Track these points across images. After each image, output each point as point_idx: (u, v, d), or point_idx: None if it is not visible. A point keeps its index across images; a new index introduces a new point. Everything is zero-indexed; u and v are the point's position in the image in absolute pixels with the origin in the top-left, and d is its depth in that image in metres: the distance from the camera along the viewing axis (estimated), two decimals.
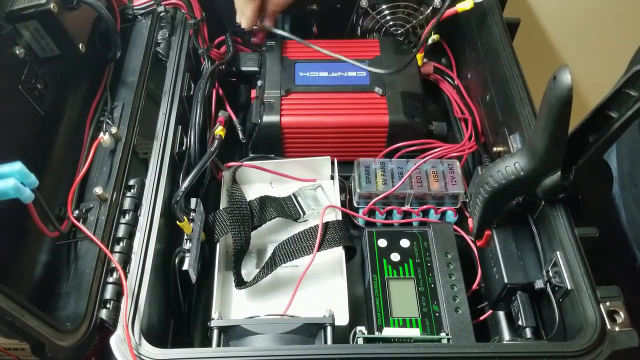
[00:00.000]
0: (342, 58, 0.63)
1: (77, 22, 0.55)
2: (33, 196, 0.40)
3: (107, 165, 0.53)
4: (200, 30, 0.67)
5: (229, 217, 0.55)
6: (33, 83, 0.51)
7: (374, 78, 0.64)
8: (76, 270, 0.47)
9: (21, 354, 0.42)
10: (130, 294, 0.44)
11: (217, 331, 0.47)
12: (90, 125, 0.57)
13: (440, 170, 0.59)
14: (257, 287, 0.54)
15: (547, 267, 0.48)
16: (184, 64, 0.62)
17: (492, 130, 0.62)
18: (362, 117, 0.61)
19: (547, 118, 0.41)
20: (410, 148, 0.62)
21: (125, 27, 0.65)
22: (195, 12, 0.67)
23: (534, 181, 0.46)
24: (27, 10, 0.49)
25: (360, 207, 0.58)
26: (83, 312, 0.44)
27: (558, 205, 0.48)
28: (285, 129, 0.61)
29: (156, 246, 0.48)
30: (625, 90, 0.42)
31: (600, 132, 0.44)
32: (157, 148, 0.54)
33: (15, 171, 0.38)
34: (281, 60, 0.66)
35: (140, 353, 0.41)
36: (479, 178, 0.50)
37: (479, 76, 0.66)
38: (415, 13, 0.69)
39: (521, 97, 0.55)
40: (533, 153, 0.44)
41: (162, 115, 0.56)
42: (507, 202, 0.51)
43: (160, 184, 0.51)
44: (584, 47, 1.01)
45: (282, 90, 0.62)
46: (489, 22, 0.64)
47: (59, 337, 0.40)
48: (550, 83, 0.40)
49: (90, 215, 0.50)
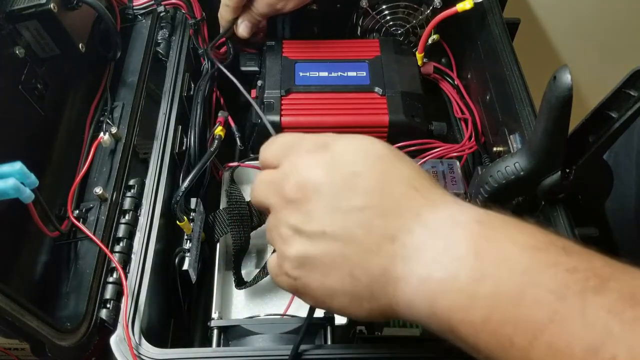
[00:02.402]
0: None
1: (77, 22, 0.55)
2: (33, 196, 0.39)
3: (107, 165, 0.53)
4: (200, 30, 0.67)
5: (229, 217, 0.55)
6: (33, 83, 0.51)
7: (374, 78, 0.64)
8: (76, 270, 0.47)
9: (21, 354, 0.42)
10: (130, 294, 0.44)
11: (217, 331, 0.47)
12: (90, 125, 0.57)
13: (440, 170, 0.59)
14: (257, 287, 0.54)
15: None
16: (184, 64, 0.62)
17: (492, 130, 0.62)
18: (362, 117, 0.61)
19: (547, 118, 0.41)
20: (410, 148, 0.62)
21: (125, 27, 0.65)
22: (195, 12, 0.67)
23: (534, 181, 0.46)
24: (27, 10, 0.49)
25: None
26: (83, 312, 0.44)
27: (558, 205, 0.48)
28: (285, 129, 0.61)
29: (156, 246, 0.48)
30: (625, 90, 0.42)
31: (600, 132, 0.44)
32: (157, 148, 0.54)
33: (15, 171, 0.38)
34: (281, 60, 0.66)
35: (140, 353, 0.41)
36: (479, 178, 0.50)
37: (479, 76, 0.66)
38: (415, 13, 0.69)
39: (521, 97, 0.55)
40: (533, 153, 0.44)
41: (162, 115, 0.56)
42: (507, 202, 0.51)
43: (160, 184, 0.51)
44: (584, 47, 1.01)
45: (282, 90, 0.62)
46: (489, 22, 0.64)
47: (59, 337, 0.40)
48: (550, 83, 0.40)
49: (90, 215, 0.50)
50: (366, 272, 0.32)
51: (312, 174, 0.35)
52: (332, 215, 0.33)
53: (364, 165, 0.34)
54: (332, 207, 0.33)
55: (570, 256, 0.29)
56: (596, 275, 0.28)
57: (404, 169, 0.35)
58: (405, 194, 0.33)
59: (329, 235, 0.33)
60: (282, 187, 0.35)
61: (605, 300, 0.27)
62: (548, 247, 0.30)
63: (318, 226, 0.33)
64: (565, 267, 0.28)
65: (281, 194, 0.35)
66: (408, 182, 0.34)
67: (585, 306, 0.27)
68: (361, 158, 0.35)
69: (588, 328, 0.26)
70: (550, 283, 0.28)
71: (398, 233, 0.32)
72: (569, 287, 0.27)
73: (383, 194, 0.33)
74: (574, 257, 0.29)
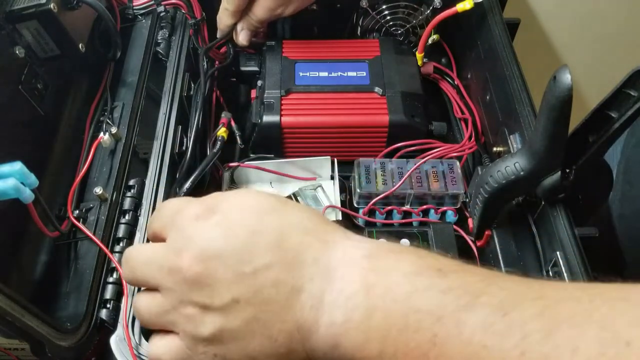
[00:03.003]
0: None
1: (77, 22, 0.55)
2: (33, 196, 0.39)
3: (107, 165, 0.53)
4: (200, 30, 0.67)
5: None
6: (33, 83, 0.51)
7: (374, 78, 0.64)
8: (76, 270, 0.47)
9: (21, 354, 0.42)
10: (130, 294, 0.44)
11: None
12: (90, 125, 0.57)
13: (440, 170, 0.59)
14: None
15: (547, 267, 0.48)
16: (184, 64, 0.62)
17: (492, 130, 0.62)
18: (362, 117, 0.61)
19: (547, 118, 0.41)
20: (410, 148, 0.62)
21: (125, 27, 0.65)
22: (195, 12, 0.67)
23: (534, 181, 0.46)
24: (27, 10, 0.49)
25: (360, 207, 0.58)
26: (83, 312, 0.44)
27: (558, 205, 0.48)
28: (285, 129, 0.61)
29: None
30: (625, 90, 0.43)
31: (600, 132, 0.44)
32: (157, 148, 0.54)
33: (15, 171, 0.38)
34: (281, 60, 0.66)
35: (140, 353, 0.41)
36: (479, 178, 0.50)
37: (479, 76, 0.66)
38: (415, 13, 0.69)
39: (521, 97, 0.55)
40: (533, 153, 0.44)
41: (162, 115, 0.56)
42: (507, 202, 0.51)
43: (160, 184, 0.51)
44: (584, 47, 1.01)
45: (282, 90, 0.62)
46: (489, 22, 0.64)
47: (59, 337, 0.40)
48: (550, 83, 0.40)
49: (90, 215, 0.50)
50: (282, 330, 0.32)
51: (209, 242, 0.33)
52: (241, 281, 0.32)
53: (257, 221, 0.34)
54: (238, 273, 0.32)
55: (446, 277, 0.30)
56: (468, 292, 0.29)
57: (294, 216, 0.34)
58: (301, 242, 0.33)
59: (242, 302, 0.32)
60: (177, 264, 0.33)
61: (477, 316, 0.28)
62: (425, 271, 0.31)
63: (228, 296, 0.32)
64: (440, 288, 0.30)
65: (177, 273, 0.33)
66: (301, 228, 0.34)
67: (460, 325, 0.28)
68: (252, 214, 0.34)
69: (465, 345, 0.27)
70: (428, 306, 0.29)
71: (303, 283, 0.32)
72: (445, 307, 0.29)
73: (282, 247, 0.33)
74: (450, 276, 0.30)
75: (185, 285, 0.33)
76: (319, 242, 0.33)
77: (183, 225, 0.34)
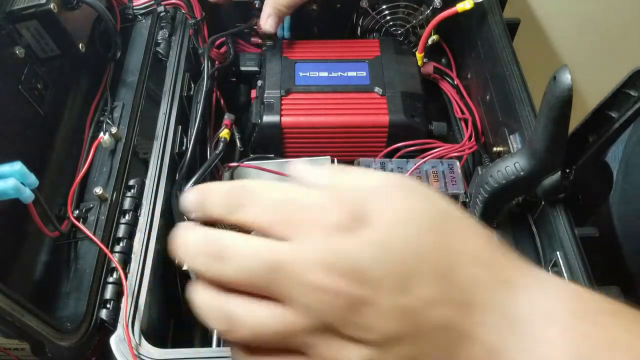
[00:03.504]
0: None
1: (77, 22, 0.54)
2: (33, 196, 0.39)
3: (107, 165, 0.53)
4: (200, 30, 0.67)
5: None
6: (33, 83, 0.51)
7: (373, 78, 0.64)
8: (76, 270, 0.47)
9: (21, 354, 0.42)
10: (130, 294, 0.44)
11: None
12: (90, 125, 0.57)
13: (440, 170, 0.59)
14: None
15: (547, 267, 0.48)
16: (184, 64, 0.62)
17: (492, 130, 0.62)
18: (362, 117, 0.61)
19: (547, 118, 0.41)
20: (410, 148, 0.62)
21: (125, 27, 0.65)
22: (195, 12, 0.67)
23: (534, 181, 0.46)
24: (27, 10, 0.49)
25: None
26: (83, 312, 0.44)
27: (558, 205, 0.48)
28: (285, 129, 0.61)
29: (156, 246, 0.48)
30: (625, 90, 0.43)
31: (600, 132, 0.44)
32: (157, 148, 0.54)
33: (15, 171, 0.38)
34: (281, 60, 0.66)
35: (140, 353, 0.41)
36: (479, 178, 0.50)
37: (479, 76, 0.66)
38: (415, 13, 0.69)
39: (521, 97, 0.55)
40: (533, 153, 0.44)
41: (162, 115, 0.56)
42: (507, 202, 0.51)
43: (160, 184, 0.51)
44: (584, 47, 1.01)
45: (282, 90, 0.62)
46: (489, 22, 0.64)
47: (59, 337, 0.40)
48: (550, 83, 0.40)
49: (90, 215, 0.50)
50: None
51: (369, 264, 0.26)
52: (402, 315, 0.26)
53: (420, 239, 0.27)
54: (399, 305, 0.26)
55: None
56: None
57: (467, 242, 0.28)
58: (476, 277, 0.27)
59: (401, 340, 0.27)
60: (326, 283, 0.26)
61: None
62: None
63: (387, 330, 0.26)
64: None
65: (326, 292, 0.26)
66: (477, 258, 0.28)
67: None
68: (415, 229, 0.28)
69: None
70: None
71: (476, 330, 0.27)
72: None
73: (452, 281, 0.27)
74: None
75: (336, 309, 0.26)
76: (498, 282, 0.28)
77: (323, 233, 0.27)
